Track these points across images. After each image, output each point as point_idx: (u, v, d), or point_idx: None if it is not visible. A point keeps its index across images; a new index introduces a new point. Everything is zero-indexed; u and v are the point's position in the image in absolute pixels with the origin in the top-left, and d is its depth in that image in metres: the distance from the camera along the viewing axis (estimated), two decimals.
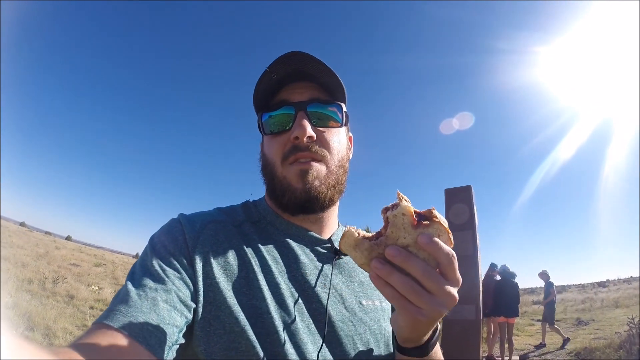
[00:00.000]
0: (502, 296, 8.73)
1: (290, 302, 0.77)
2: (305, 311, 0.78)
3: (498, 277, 9.07)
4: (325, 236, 0.93)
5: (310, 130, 0.83)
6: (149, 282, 0.67)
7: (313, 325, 0.78)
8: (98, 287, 13.25)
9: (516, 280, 9.09)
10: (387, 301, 0.95)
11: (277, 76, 0.86)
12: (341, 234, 0.99)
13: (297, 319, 0.76)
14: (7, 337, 0.35)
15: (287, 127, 0.86)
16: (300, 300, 0.79)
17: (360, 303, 0.87)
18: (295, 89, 0.89)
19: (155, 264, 0.71)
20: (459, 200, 6.57)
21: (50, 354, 0.44)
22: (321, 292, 0.82)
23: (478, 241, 6.37)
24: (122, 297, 0.65)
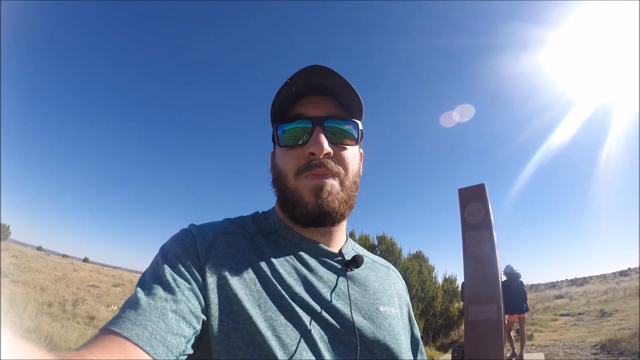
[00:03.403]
0: (509, 295, 8.66)
1: (307, 314, 0.76)
2: (323, 323, 0.77)
3: (504, 277, 9.03)
4: (334, 248, 0.92)
5: (327, 147, 0.83)
6: (159, 291, 0.66)
7: (331, 337, 0.77)
8: (117, 307, 13.26)
9: (520, 279, 9.12)
10: (402, 308, 0.96)
11: (296, 88, 0.85)
12: (350, 247, 0.99)
13: (316, 331, 0.75)
14: (7, 337, 0.35)
15: (303, 141, 0.85)
16: (317, 312, 0.78)
17: (378, 309, 0.87)
18: (313, 103, 0.88)
19: (167, 273, 0.70)
20: (474, 200, 6.54)
21: (53, 356, 0.43)
22: (337, 303, 0.81)
23: (495, 240, 6.32)
24: (131, 304, 0.64)
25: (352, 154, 0.90)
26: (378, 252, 12.55)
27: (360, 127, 0.92)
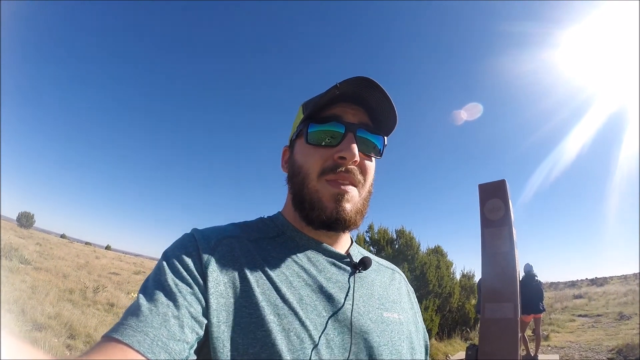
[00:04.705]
0: (526, 294, 8.52)
1: (314, 316, 0.76)
2: (331, 325, 0.77)
3: (522, 276, 8.89)
4: (341, 250, 0.93)
5: (357, 155, 0.84)
6: (161, 297, 0.66)
7: (341, 338, 0.76)
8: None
9: (538, 278, 8.96)
10: (405, 314, 0.94)
11: (339, 93, 0.85)
12: (356, 249, 0.99)
13: (323, 333, 0.74)
14: (7, 337, 0.35)
15: (326, 143, 0.86)
16: (325, 314, 0.77)
17: (382, 315, 0.86)
18: (348, 109, 0.89)
19: (169, 278, 0.70)
20: (494, 196, 6.43)
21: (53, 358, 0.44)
22: (346, 305, 0.81)
23: (515, 237, 6.23)
24: (133, 311, 0.63)
25: (374, 166, 0.92)
26: (397, 246, 12.46)
27: (386, 142, 0.93)
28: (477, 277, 13.18)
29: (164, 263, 0.75)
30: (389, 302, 0.92)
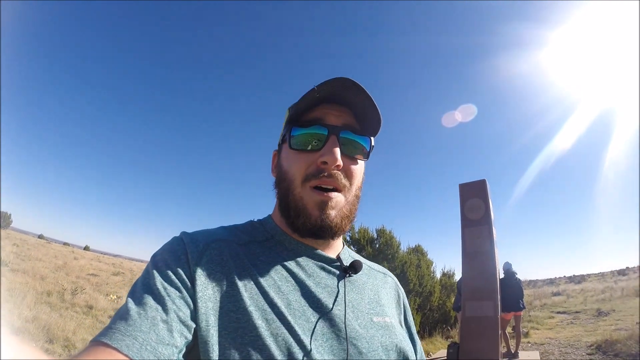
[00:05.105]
0: (506, 292, 8.64)
1: (303, 321, 0.75)
2: (319, 330, 0.76)
3: (502, 275, 9.01)
4: (332, 255, 0.92)
5: (340, 159, 0.82)
6: (149, 301, 0.66)
7: (329, 344, 0.76)
8: (116, 296, 13.33)
9: (517, 276, 9.08)
10: (395, 318, 0.94)
11: (319, 95, 0.84)
12: (347, 253, 0.98)
13: (312, 338, 0.74)
14: (7, 338, 0.35)
15: (312, 147, 0.85)
16: (313, 319, 0.77)
17: (372, 320, 0.86)
18: (331, 111, 0.88)
19: (157, 282, 0.70)
20: (474, 195, 6.52)
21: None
22: (335, 309, 0.80)
23: (495, 236, 6.32)
24: (121, 315, 0.63)
25: (360, 168, 0.91)
26: (377, 245, 12.54)
27: (373, 143, 0.93)
28: (458, 275, 13.36)
29: (153, 267, 0.75)
30: (380, 307, 0.91)
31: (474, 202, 6.51)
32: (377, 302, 0.92)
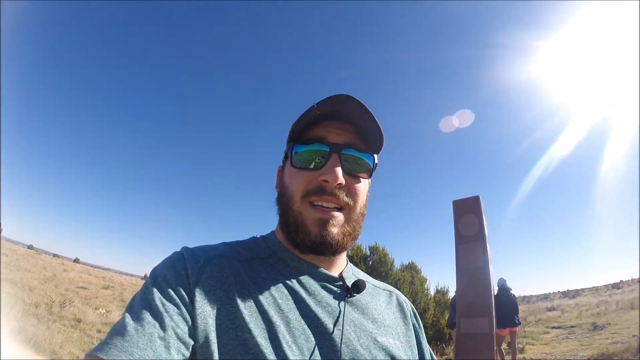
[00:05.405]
0: (501, 308, 8.64)
1: (303, 340, 0.73)
2: (318, 351, 0.74)
3: (496, 291, 9.01)
4: (335, 273, 0.90)
5: (342, 177, 0.81)
6: (147, 317, 0.64)
7: None
8: (105, 310, 13.18)
9: (512, 292, 9.08)
10: (401, 339, 0.91)
11: (320, 113, 0.84)
12: (351, 271, 0.96)
13: (310, 358, 0.72)
14: (7, 337, 0.35)
15: (315, 165, 0.84)
16: (313, 338, 0.75)
17: (376, 340, 0.83)
18: (333, 128, 0.87)
19: (156, 297, 0.68)
20: (468, 212, 6.54)
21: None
22: (336, 330, 0.78)
23: (489, 253, 6.32)
24: (118, 330, 0.61)
25: (363, 185, 0.90)
26: (370, 263, 12.56)
27: (376, 160, 0.92)
28: (452, 292, 13.33)
29: (152, 282, 0.74)
30: (384, 327, 0.89)
31: (468, 219, 6.52)
32: (381, 322, 0.90)
